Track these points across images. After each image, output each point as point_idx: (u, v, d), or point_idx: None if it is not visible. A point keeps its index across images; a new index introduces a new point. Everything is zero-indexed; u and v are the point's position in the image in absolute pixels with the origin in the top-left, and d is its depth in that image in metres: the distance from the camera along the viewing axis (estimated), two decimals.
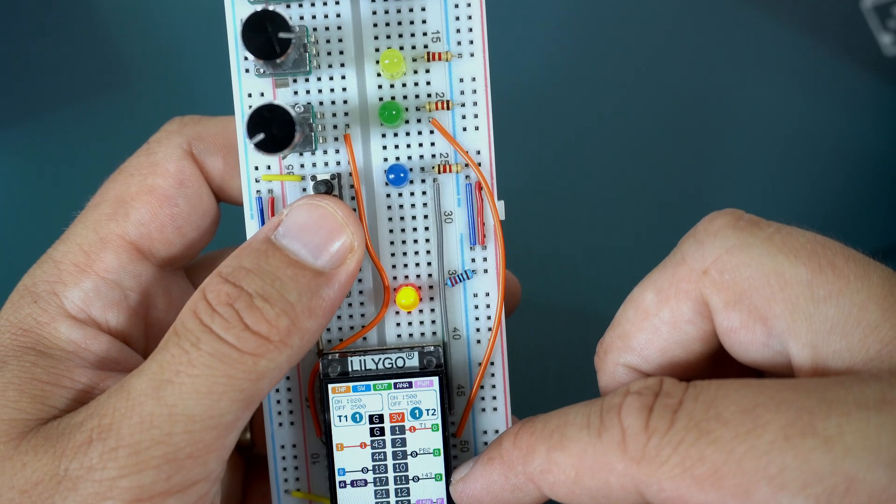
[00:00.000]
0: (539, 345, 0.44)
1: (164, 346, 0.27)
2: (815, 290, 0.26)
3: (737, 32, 0.48)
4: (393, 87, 0.31)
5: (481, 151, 0.31)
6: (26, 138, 0.46)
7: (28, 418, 0.28)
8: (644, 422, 0.25)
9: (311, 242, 0.28)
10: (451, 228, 0.31)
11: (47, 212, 0.34)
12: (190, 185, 0.31)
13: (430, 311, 0.31)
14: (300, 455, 0.32)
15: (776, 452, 0.23)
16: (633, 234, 0.45)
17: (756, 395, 0.24)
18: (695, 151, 0.47)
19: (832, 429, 0.23)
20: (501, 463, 0.28)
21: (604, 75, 0.48)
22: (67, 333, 0.30)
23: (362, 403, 0.30)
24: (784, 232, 0.27)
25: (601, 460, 0.25)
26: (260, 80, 0.30)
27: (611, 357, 0.29)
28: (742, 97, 0.47)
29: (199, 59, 0.47)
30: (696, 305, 0.28)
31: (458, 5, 0.30)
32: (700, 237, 0.28)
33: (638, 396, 0.26)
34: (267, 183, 0.31)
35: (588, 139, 0.47)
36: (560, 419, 0.27)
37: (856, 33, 0.48)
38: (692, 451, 0.24)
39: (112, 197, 0.31)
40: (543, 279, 0.44)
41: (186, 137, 0.32)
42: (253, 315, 0.27)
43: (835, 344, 0.25)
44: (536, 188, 0.45)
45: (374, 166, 0.31)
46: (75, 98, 0.46)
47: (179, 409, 0.26)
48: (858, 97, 0.47)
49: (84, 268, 0.30)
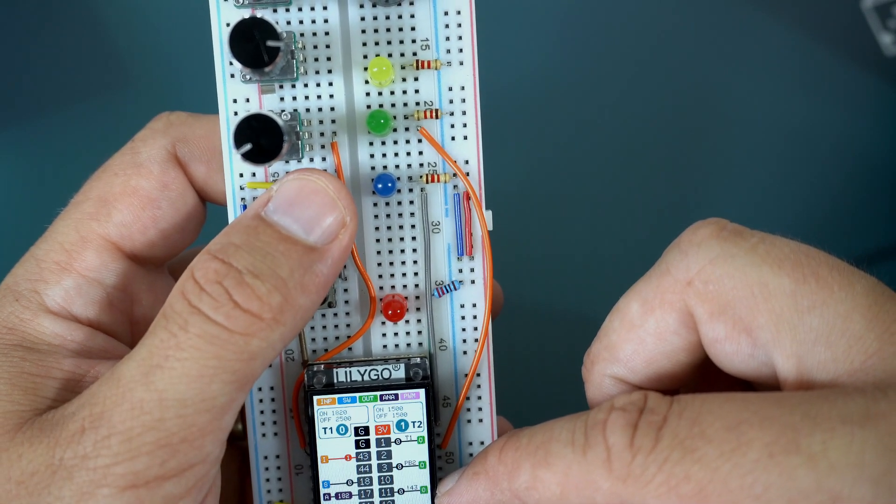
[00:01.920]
0: (525, 352, 0.43)
1: (153, 331, 0.27)
2: (799, 301, 0.25)
3: (736, 33, 0.48)
4: (381, 95, 0.30)
5: (469, 161, 0.30)
6: (26, 138, 0.46)
7: (22, 409, 0.27)
8: (629, 439, 0.25)
9: (303, 217, 0.28)
10: (439, 238, 0.31)
11: (47, 212, 0.33)
12: (174, 188, 0.31)
13: (416, 321, 0.31)
14: (283, 466, 0.31)
15: (761, 471, 0.23)
16: (624, 240, 0.45)
17: (740, 412, 0.24)
18: (692, 153, 0.47)
19: (816, 445, 0.23)
20: (487, 478, 0.28)
21: (597, 79, 0.47)
22: (51, 328, 0.30)
23: (348, 415, 0.30)
24: (768, 242, 0.27)
25: (586, 479, 0.25)
26: (245, 86, 0.30)
27: (597, 368, 0.29)
28: (742, 97, 0.47)
29: (198, 59, 0.46)
30: (680, 316, 0.27)
31: (447, 13, 0.30)
32: (684, 248, 0.27)
33: (622, 413, 0.25)
34: (252, 190, 0.30)
35: (577, 144, 0.47)
36: (545, 435, 0.27)
37: (856, 33, 0.48)
38: (677, 469, 0.24)
39: (95, 196, 0.31)
40: (530, 286, 0.44)
41: (171, 139, 0.31)
42: (243, 292, 0.26)
43: (819, 355, 0.25)
44: (524, 195, 0.45)
45: (362, 174, 0.30)
46: (75, 98, 0.46)
47: (170, 394, 0.26)
48: (858, 97, 0.47)
49: (65, 266, 0.30)
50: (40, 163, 0.46)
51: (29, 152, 0.46)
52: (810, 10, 0.48)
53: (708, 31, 0.48)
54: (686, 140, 0.47)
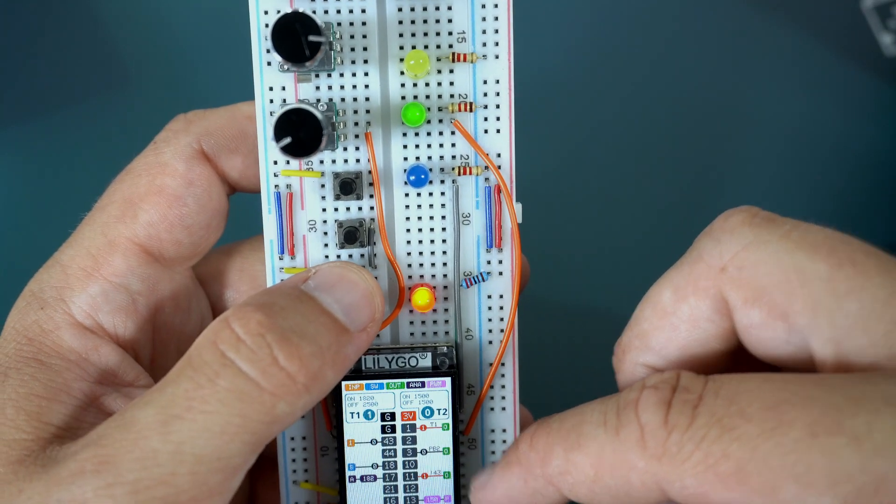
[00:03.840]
0: (549, 344, 0.44)
1: (176, 379, 0.26)
2: (837, 286, 0.25)
3: (737, 33, 0.48)
4: (416, 87, 0.31)
5: (501, 154, 0.31)
6: (26, 138, 0.46)
7: (26, 438, 0.27)
8: (663, 417, 0.25)
9: (343, 301, 0.28)
10: (469, 230, 0.31)
11: (47, 212, 0.33)
12: (199, 184, 0.31)
13: (443, 311, 0.32)
14: (309, 447, 0.32)
15: (803, 450, 0.23)
16: (643, 234, 0.46)
17: (780, 391, 0.24)
18: (697, 152, 0.47)
19: (861, 426, 0.23)
20: (520, 467, 0.28)
21: (611, 77, 0.47)
22: (70, 342, 0.29)
23: (374, 401, 0.31)
24: (801, 229, 0.26)
25: (621, 458, 0.25)
26: (282, 75, 0.30)
27: (629, 357, 0.29)
28: (742, 97, 0.47)
29: (199, 59, 0.46)
30: (714, 303, 0.27)
31: (484, 6, 0.30)
32: (716, 235, 0.27)
33: (654, 391, 0.25)
34: (286, 178, 0.31)
35: (598, 140, 0.47)
36: (576, 418, 0.27)
37: (856, 33, 0.48)
38: (715, 447, 0.24)
39: (120, 198, 0.31)
40: (556, 279, 0.45)
41: (195, 135, 0.31)
42: (286, 349, 0.26)
43: (857, 339, 0.25)
44: (548, 188, 0.45)
45: (394, 166, 0.31)
46: (75, 98, 0.46)
47: (187, 448, 0.25)
48: (858, 97, 0.47)
49: (91, 272, 0.30)
50: (40, 163, 0.46)
51: (29, 152, 0.46)
52: (810, 11, 0.48)
53: (708, 32, 0.48)
54: (686, 140, 0.47)
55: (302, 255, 0.31)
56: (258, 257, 0.33)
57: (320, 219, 0.31)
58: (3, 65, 0.46)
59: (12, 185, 0.45)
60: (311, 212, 0.31)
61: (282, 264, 0.31)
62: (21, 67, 0.46)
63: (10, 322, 0.30)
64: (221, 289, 0.34)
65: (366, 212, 0.31)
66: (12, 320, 0.30)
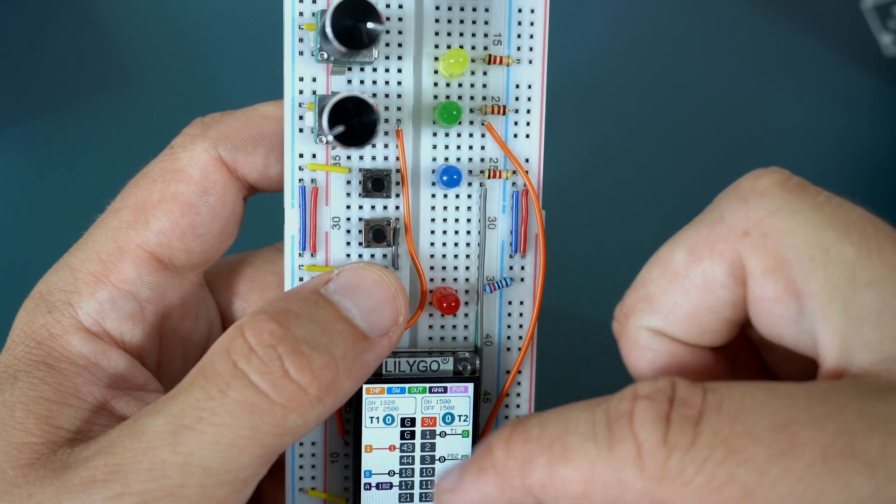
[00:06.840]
0: (566, 353, 0.43)
1: (188, 388, 0.25)
2: (858, 274, 0.24)
3: (737, 33, 0.48)
4: (449, 87, 0.30)
5: (530, 160, 0.31)
6: (26, 138, 0.45)
7: (36, 442, 0.26)
8: (662, 435, 0.23)
9: (364, 304, 0.27)
10: (494, 234, 0.31)
11: (47, 212, 0.32)
12: (214, 192, 0.30)
13: (463, 315, 0.31)
14: (319, 453, 0.31)
15: (814, 476, 0.22)
16: (653, 240, 0.46)
17: (788, 409, 0.22)
18: (692, 153, 0.47)
19: (874, 450, 0.22)
20: (496, 474, 0.25)
21: (616, 79, 0.48)
22: (79, 347, 0.29)
23: (395, 406, 0.30)
24: (835, 203, 0.25)
25: (615, 477, 0.23)
26: (315, 65, 0.29)
27: (633, 321, 0.27)
28: (741, 97, 0.47)
29: (200, 59, 0.46)
30: (731, 268, 0.25)
31: (521, 10, 0.30)
32: (744, 194, 0.25)
33: (650, 403, 0.23)
34: (311, 172, 0.30)
35: (615, 146, 0.47)
36: (559, 426, 0.24)
37: (856, 33, 0.48)
38: (720, 470, 0.22)
39: (133, 203, 0.30)
40: (575, 286, 0.44)
41: (212, 140, 0.30)
42: (297, 361, 0.25)
43: (867, 334, 0.24)
44: (569, 195, 0.45)
45: (423, 165, 0.30)
46: (75, 98, 0.45)
47: (196, 460, 0.24)
48: (858, 97, 0.47)
49: (100, 277, 0.29)
50: (40, 163, 0.45)
51: (29, 152, 0.45)
52: (810, 11, 0.48)
53: (708, 32, 0.48)
54: (686, 140, 0.47)
55: (323, 252, 0.30)
56: (270, 269, 0.32)
57: (344, 216, 0.30)
58: (3, 65, 0.45)
59: (12, 185, 0.44)
60: (335, 208, 0.30)
61: (302, 261, 0.30)
62: (21, 67, 0.45)
63: (18, 324, 0.29)
64: (231, 297, 0.33)
65: (391, 211, 0.30)
66: (20, 322, 0.29)
